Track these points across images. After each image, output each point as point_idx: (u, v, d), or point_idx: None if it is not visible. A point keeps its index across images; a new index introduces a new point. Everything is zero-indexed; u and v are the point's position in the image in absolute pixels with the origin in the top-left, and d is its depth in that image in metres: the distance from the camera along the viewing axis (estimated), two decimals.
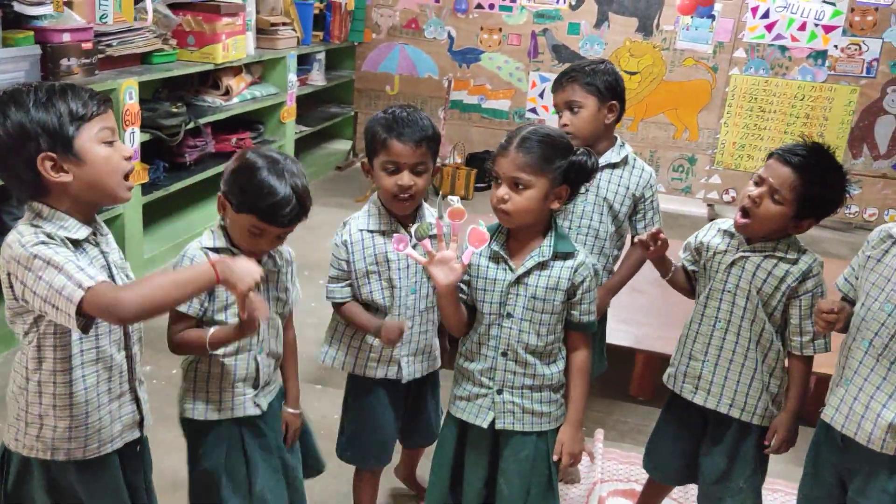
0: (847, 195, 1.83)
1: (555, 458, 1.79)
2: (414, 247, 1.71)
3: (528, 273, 1.71)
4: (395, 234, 1.73)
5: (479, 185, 5.63)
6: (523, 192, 1.66)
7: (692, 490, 2.18)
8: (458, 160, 5.81)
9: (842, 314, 1.73)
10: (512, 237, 1.75)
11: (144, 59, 3.85)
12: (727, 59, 5.33)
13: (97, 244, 1.46)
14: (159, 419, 2.48)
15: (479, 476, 1.84)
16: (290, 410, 1.89)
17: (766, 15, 5.18)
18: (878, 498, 1.70)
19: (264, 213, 1.59)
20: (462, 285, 1.76)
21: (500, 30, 5.73)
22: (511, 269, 1.72)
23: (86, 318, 1.30)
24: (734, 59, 5.32)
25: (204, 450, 1.76)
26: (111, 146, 1.41)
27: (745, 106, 5.36)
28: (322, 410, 2.71)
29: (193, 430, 1.78)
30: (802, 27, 5.13)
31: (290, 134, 5.28)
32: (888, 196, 5.27)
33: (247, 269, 1.41)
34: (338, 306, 1.97)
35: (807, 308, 1.83)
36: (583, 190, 2.01)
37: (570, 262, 1.72)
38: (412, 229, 1.82)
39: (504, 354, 1.75)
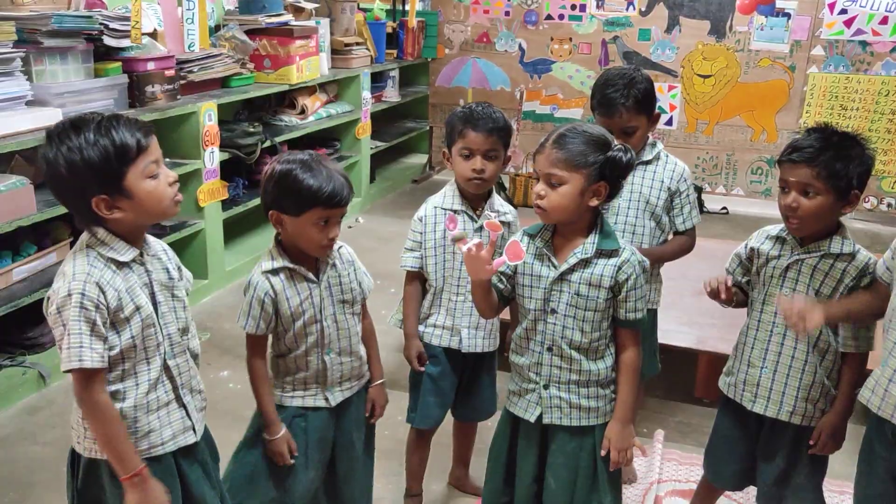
0: (869, 152, 1.83)
1: (602, 452, 1.80)
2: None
3: (571, 270, 1.74)
4: (448, 213, 1.92)
5: None
6: (558, 189, 1.68)
7: (751, 490, 2.17)
8: (531, 170, 5.86)
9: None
10: (557, 234, 1.78)
11: (224, 82, 4.09)
12: (805, 57, 5.18)
13: (143, 263, 1.59)
14: (235, 420, 2.64)
15: (529, 470, 1.87)
16: (377, 385, 2.03)
17: (843, 11, 5.02)
18: None
19: (328, 200, 1.72)
20: (503, 278, 1.83)
21: (571, 39, 5.77)
22: (555, 266, 1.75)
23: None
24: (812, 57, 5.17)
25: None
26: (156, 178, 1.54)
27: (825, 105, 5.20)
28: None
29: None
30: (884, 21, 4.95)
31: (365, 149, 5.46)
32: None
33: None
34: (409, 276, 2.21)
35: None
36: None
37: (614, 260, 1.72)
38: (454, 232, 1.91)
39: (549, 350, 1.78)
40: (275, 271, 1.80)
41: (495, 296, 1.82)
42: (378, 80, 5.82)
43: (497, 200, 2.18)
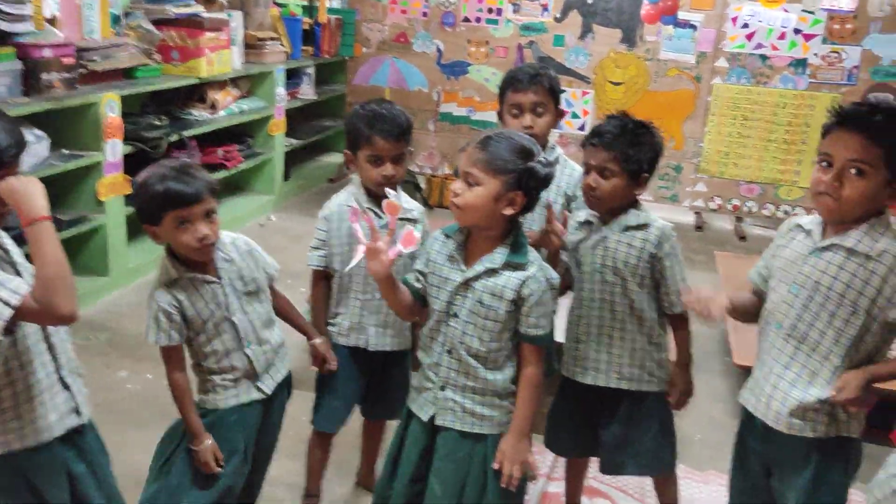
0: (658, 140, 1.99)
1: (495, 465, 1.76)
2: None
3: (477, 277, 1.73)
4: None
5: None
6: (473, 189, 1.68)
7: (648, 484, 2.25)
8: (448, 171, 5.89)
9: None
10: (471, 239, 1.77)
11: (129, 73, 3.95)
12: (709, 68, 5.38)
13: None
14: (133, 421, 2.55)
15: (409, 470, 1.85)
16: (317, 340, 2.15)
17: (745, 25, 5.24)
18: (797, 484, 1.74)
19: (175, 201, 1.73)
20: (418, 274, 1.83)
21: (487, 42, 5.81)
22: (462, 271, 1.75)
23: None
24: (716, 69, 5.37)
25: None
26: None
27: (728, 115, 5.41)
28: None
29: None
30: (782, 36, 5.18)
31: (279, 147, 5.37)
32: None
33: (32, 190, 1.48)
34: (315, 276, 2.20)
35: None
36: None
37: (519, 273, 1.71)
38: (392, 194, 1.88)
39: (449, 353, 1.78)
40: (172, 282, 1.79)
41: (408, 295, 1.81)
42: (293, 76, 5.74)
43: (403, 197, 2.18)
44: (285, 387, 2.05)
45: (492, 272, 1.72)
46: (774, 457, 1.81)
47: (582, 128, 5.74)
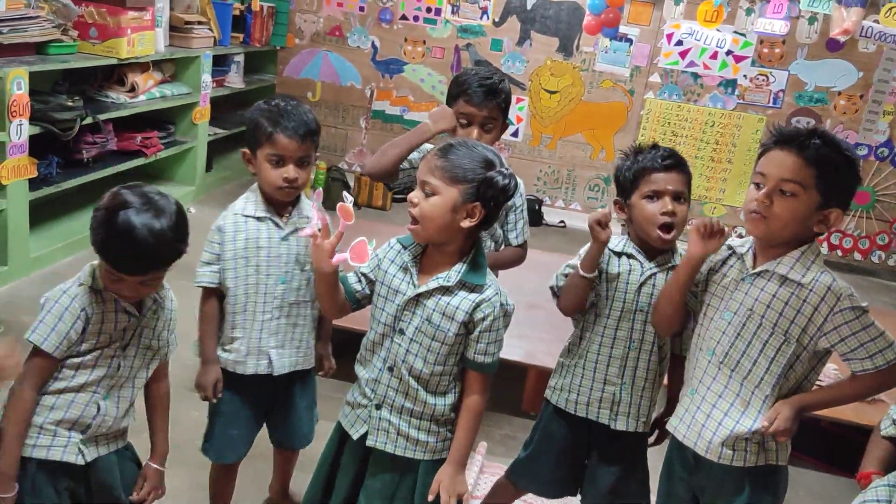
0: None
1: (430, 497, 1.66)
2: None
3: (429, 294, 1.63)
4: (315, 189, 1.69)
5: (397, 196, 5.59)
6: (430, 199, 1.58)
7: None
8: None
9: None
10: (427, 253, 1.67)
11: (40, 49, 3.68)
12: (643, 82, 5.43)
13: None
14: None
15: (346, 487, 1.76)
16: (154, 466, 1.78)
17: (679, 42, 5.31)
18: None
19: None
20: (363, 278, 1.71)
21: (424, 42, 5.73)
22: (414, 285, 1.64)
23: None
24: (649, 84, 5.43)
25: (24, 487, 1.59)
26: None
27: (658, 129, 5.48)
28: (201, 419, 2.61)
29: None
30: (714, 56, 5.28)
31: (202, 135, 5.14)
32: None
33: None
34: (204, 294, 1.98)
35: None
36: None
37: (474, 296, 1.61)
38: (314, 195, 1.72)
39: (390, 370, 1.67)
40: (97, 291, 1.59)
41: (343, 294, 1.69)
42: (221, 63, 5.51)
43: (307, 205, 2.00)
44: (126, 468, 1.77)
45: (445, 290, 1.61)
46: (703, 485, 1.78)
47: (515, 134, 5.72)
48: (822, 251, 1.73)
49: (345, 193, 1.61)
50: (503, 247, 2.31)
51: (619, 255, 1.88)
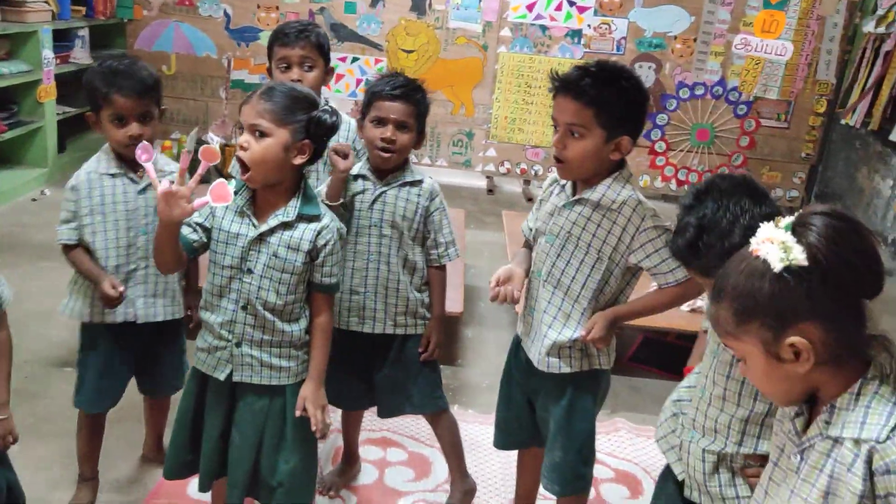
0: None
1: (297, 413, 1.80)
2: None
3: (271, 231, 1.73)
4: (141, 144, 1.70)
5: None
6: (263, 140, 1.66)
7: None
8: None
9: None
10: (259, 195, 1.76)
11: None
12: (495, 37, 5.61)
13: None
14: None
15: (216, 427, 1.85)
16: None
17: None
18: (555, 413, 1.92)
19: None
20: (198, 227, 1.76)
21: (278, 8, 5.67)
22: (254, 226, 1.73)
23: None
24: (501, 38, 5.61)
25: None
26: None
27: (513, 83, 5.68)
28: (69, 392, 2.60)
29: None
30: (559, 7, 5.51)
31: (50, 115, 4.94)
32: (640, 163, 5.80)
33: None
34: (67, 250, 2.06)
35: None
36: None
37: (314, 225, 1.74)
38: (189, 136, 1.81)
39: (244, 308, 1.76)
40: None
41: (182, 251, 1.74)
42: (64, 38, 5.27)
43: (163, 159, 2.10)
44: None
45: (286, 225, 1.73)
46: (535, 388, 1.97)
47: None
48: (650, 180, 1.92)
49: (210, 135, 1.66)
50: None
51: (355, 177, 2.07)
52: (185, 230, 1.76)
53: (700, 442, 1.55)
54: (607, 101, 1.73)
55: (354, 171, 2.08)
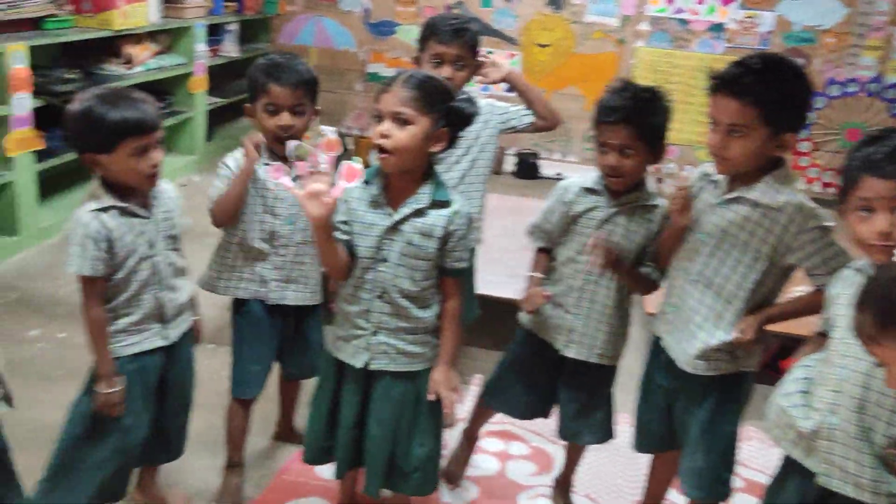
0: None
1: (431, 396, 1.83)
2: (293, 177, 1.69)
3: (404, 219, 1.75)
4: (273, 163, 1.74)
5: None
6: (406, 128, 1.67)
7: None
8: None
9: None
10: (391, 183, 1.77)
11: (38, 24, 3.79)
12: (632, 31, 5.47)
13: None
14: (44, 378, 2.46)
15: (351, 416, 1.89)
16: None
17: None
18: (698, 415, 1.85)
19: (137, 128, 1.70)
20: (341, 224, 1.79)
21: (416, 2, 5.78)
22: (389, 215, 1.76)
23: None
24: (639, 32, 5.47)
25: None
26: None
27: (649, 78, 5.51)
28: (213, 366, 2.75)
29: None
30: (701, 1, 5.30)
31: (200, 105, 5.24)
32: None
33: None
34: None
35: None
36: None
37: (445, 211, 1.76)
38: (289, 148, 1.74)
39: (380, 297, 1.79)
40: (104, 209, 1.73)
41: (343, 250, 1.77)
42: (215, 33, 5.58)
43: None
44: (190, 338, 1.99)
45: (419, 212, 1.75)
46: (677, 389, 1.91)
47: (510, 89, 5.76)
48: (797, 179, 1.82)
49: (323, 128, 1.68)
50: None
51: (587, 191, 1.98)
52: (337, 234, 1.77)
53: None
54: (772, 99, 1.66)
55: (587, 183, 1.99)
